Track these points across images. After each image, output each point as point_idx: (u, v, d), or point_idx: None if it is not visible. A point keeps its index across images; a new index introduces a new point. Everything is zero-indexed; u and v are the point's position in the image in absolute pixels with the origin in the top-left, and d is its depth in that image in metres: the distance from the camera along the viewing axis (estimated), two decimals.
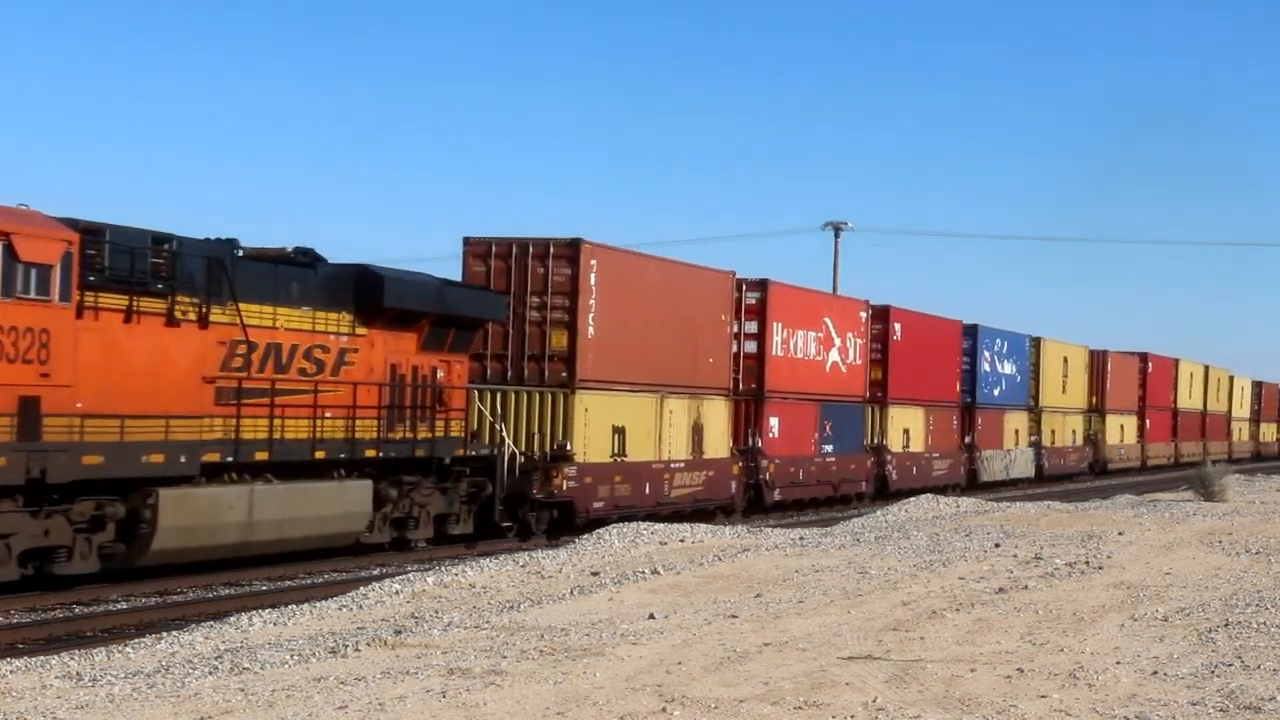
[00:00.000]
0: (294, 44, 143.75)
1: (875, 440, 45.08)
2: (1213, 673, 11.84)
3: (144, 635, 15.98)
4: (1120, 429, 70.47)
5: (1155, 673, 11.81)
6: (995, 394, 54.95)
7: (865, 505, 42.27)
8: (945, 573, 18.38)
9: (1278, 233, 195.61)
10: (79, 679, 12.30)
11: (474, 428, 28.28)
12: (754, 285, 37.86)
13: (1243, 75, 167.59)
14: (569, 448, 29.66)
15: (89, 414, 19.74)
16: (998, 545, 21.64)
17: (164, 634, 15.41)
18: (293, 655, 12.74)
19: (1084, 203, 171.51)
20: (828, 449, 41.59)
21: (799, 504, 40.51)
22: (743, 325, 37.34)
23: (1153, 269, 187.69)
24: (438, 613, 15.85)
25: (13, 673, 12.91)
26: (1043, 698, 10.82)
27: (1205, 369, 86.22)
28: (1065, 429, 63.12)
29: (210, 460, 21.95)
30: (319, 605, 17.29)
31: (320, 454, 24.14)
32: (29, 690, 11.86)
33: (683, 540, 24.05)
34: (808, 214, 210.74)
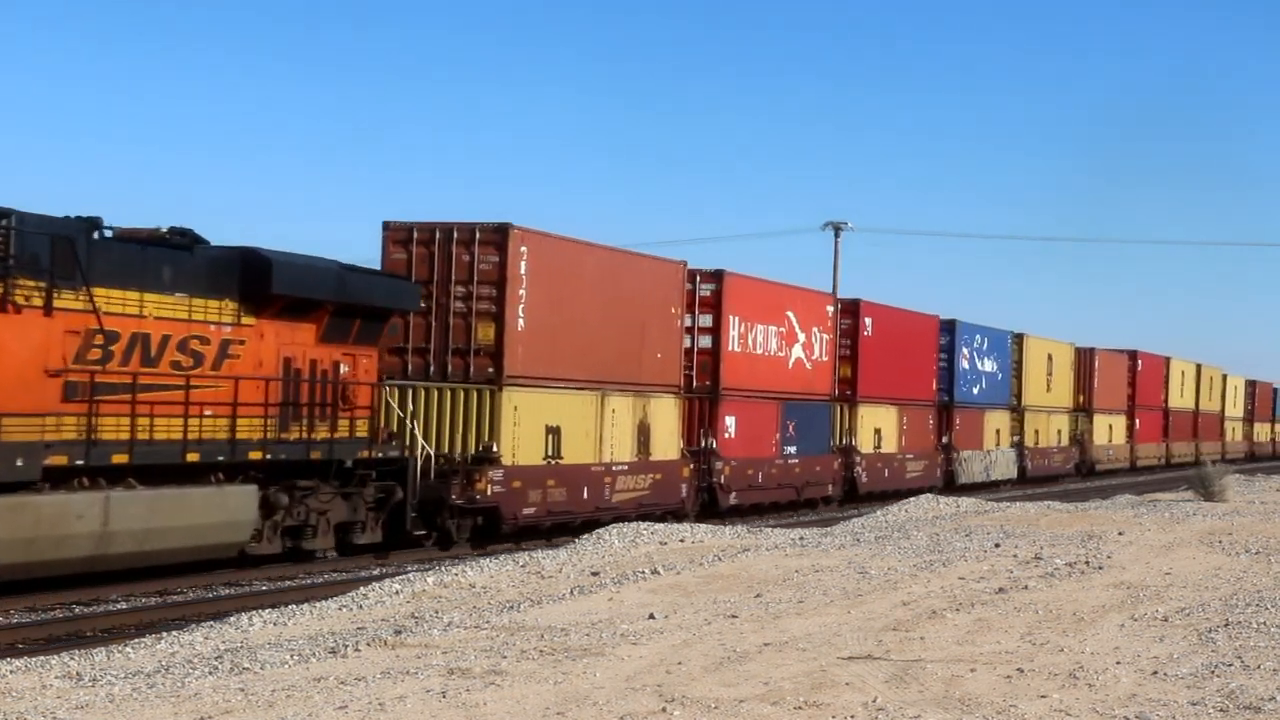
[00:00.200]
0: (294, 44, 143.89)
1: (844, 441, 43.11)
2: (1213, 673, 11.84)
3: (144, 635, 15.98)
4: (1109, 429, 68.81)
5: (1155, 673, 11.81)
6: (975, 392, 52.96)
7: (832, 509, 40.77)
8: (945, 573, 18.38)
9: (1275, 233, 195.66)
10: (79, 679, 12.30)
11: (393, 428, 26.13)
12: (708, 276, 35.90)
13: (1242, 75, 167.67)
14: (495, 449, 27.55)
15: None
16: (998, 545, 21.64)
17: (164, 634, 15.41)
18: (293, 655, 12.74)
19: (1083, 202, 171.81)
20: (790, 450, 39.50)
21: (758, 509, 38.23)
22: (696, 319, 35.37)
23: (1151, 269, 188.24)
24: (438, 613, 15.85)
25: (13, 673, 12.91)
26: (1043, 698, 10.82)
27: (1197, 367, 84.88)
28: (1050, 429, 61.42)
29: (56, 464, 19.35)
30: (319, 605, 17.31)
31: (194, 456, 21.33)
32: (29, 690, 11.85)
33: (683, 540, 24.06)
34: (808, 214, 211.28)
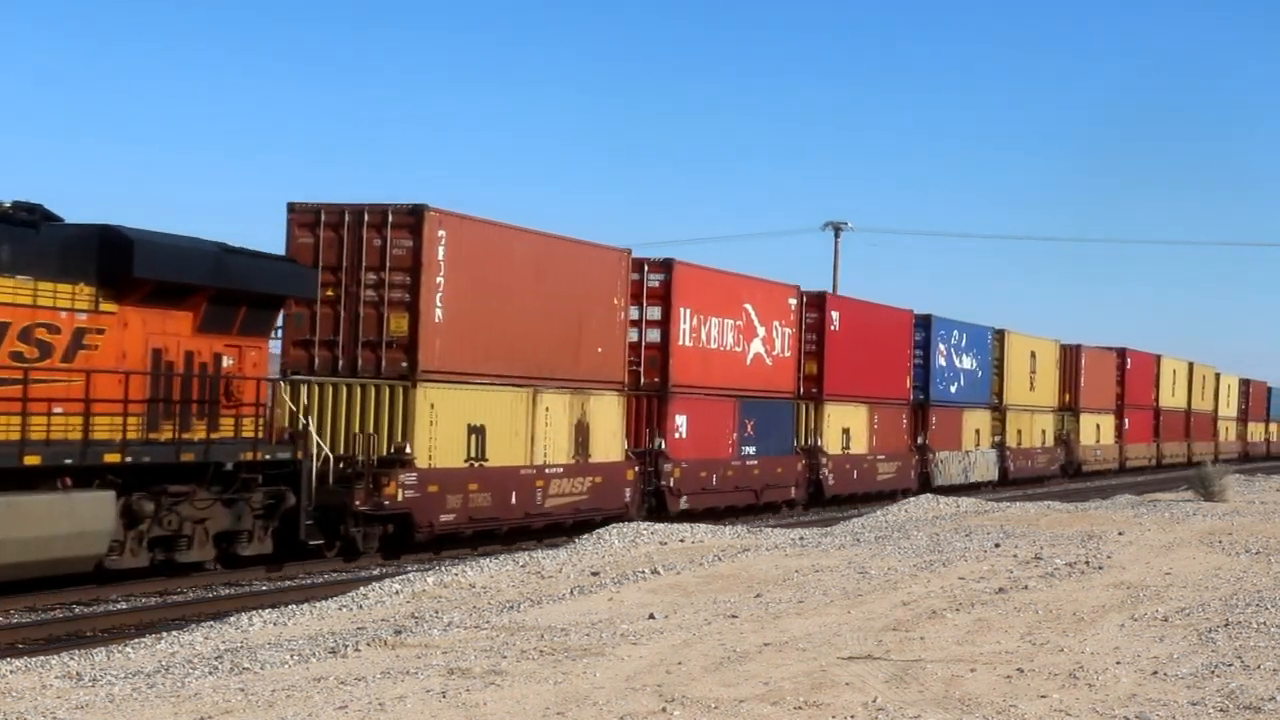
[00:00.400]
0: (294, 44, 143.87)
1: (809, 441, 40.65)
2: (1213, 673, 11.84)
3: (144, 635, 15.98)
4: (1096, 429, 66.08)
5: (1155, 673, 11.81)
6: (952, 390, 50.43)
7: (796, 513, 39.05)
8: (945, 573, 18.38)
9: (1274, 232, 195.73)
10: (79, 679, 12.30)
11: (297, 428, 23.97)
12: (657, 266, 33.54)
13: (1242, 75, 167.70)
14: (408, 450, 25.30)
15: None
16: (998, 545, 21.65)
17: (164, 634, 15.41)
18: (293, 655, 12.74)
19: (1084, 202, 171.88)
20: (749, 451, 37.02)
21: (713, 513, 35.30)
22: (644, 311, 33.13)
23: (1149, 269, 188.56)
24: (438, 613, 15.85)
25: (13, 673, 12.91)
26: (1043, 698, 10.82)
27: (1189, 366, 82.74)
28: (1034, 429, 58.80)
29: None
30: (319, 605, 17.31)
31: (34, 459, 18.82)
32: (29, 690, 11.85)
33: (683, 540, 24.07)
34: (808, 214, 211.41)
